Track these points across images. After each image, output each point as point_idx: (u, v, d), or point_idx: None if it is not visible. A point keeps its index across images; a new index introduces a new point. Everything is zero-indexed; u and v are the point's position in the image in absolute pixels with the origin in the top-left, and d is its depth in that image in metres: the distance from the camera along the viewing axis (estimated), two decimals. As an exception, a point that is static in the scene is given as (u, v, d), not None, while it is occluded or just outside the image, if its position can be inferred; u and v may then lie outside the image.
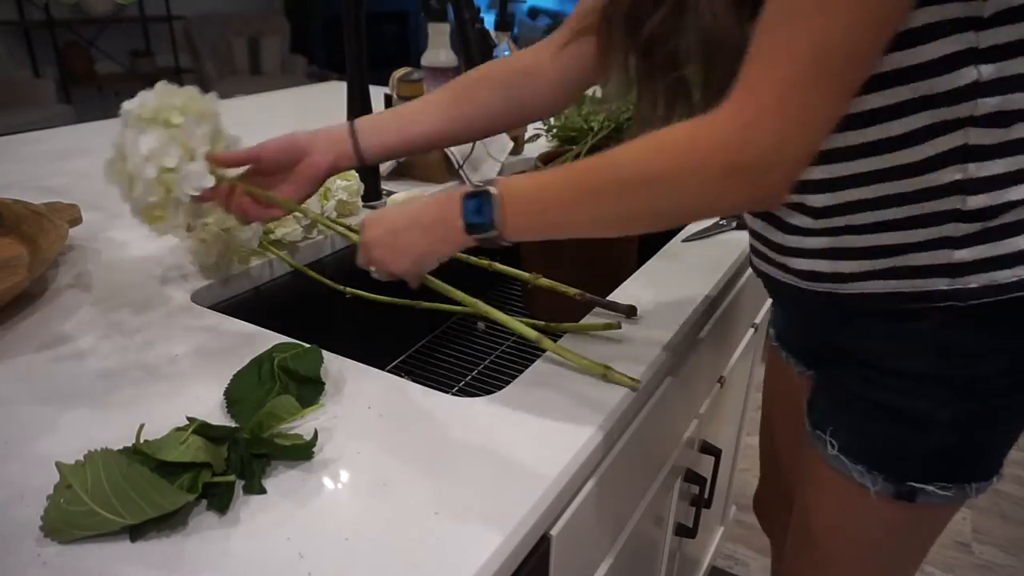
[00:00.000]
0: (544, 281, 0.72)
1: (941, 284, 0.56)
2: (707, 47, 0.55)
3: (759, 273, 0.72)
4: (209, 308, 0.71)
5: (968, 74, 0.50)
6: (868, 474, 0.65)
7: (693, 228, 0.94)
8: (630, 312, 0.70)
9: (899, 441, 0.64)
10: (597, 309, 0.71)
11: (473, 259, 0.76)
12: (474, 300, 0.65)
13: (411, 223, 0.61)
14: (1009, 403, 0.61)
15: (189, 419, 0.50)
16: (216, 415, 0.54)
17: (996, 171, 0.53)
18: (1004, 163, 0.53)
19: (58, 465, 0.42)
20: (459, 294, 0.65)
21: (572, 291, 0.71)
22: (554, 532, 0.52)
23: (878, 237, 0.58)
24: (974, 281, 0.55)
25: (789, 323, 0.81)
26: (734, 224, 0.95)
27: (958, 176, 0.53)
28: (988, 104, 0.51)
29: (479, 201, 0.56)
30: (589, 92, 1.24)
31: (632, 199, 0.54)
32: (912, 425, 0.62)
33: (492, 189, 0.56)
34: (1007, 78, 0.50)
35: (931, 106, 0.52)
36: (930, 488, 0.63)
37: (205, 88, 0.66)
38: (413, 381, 0.59)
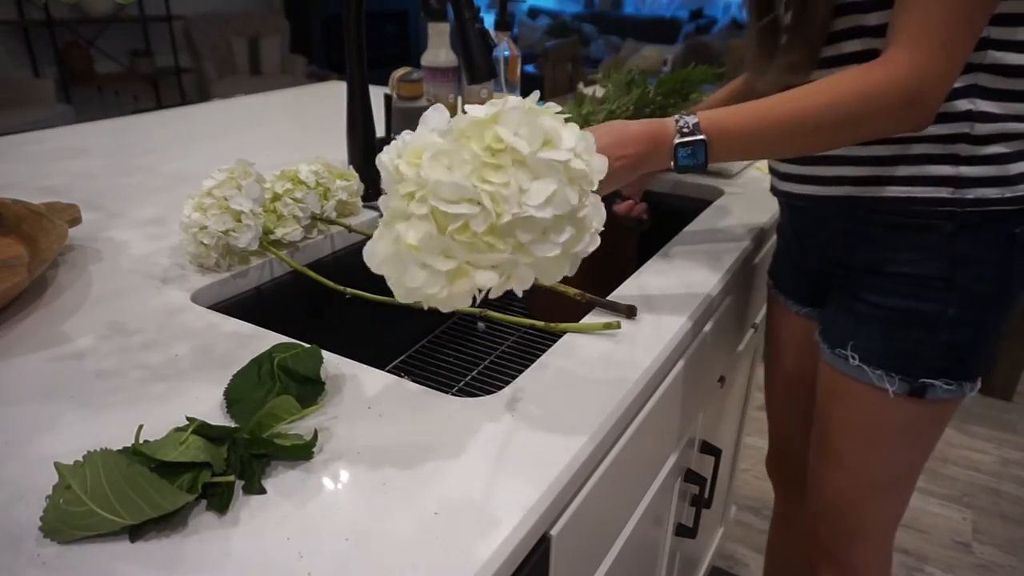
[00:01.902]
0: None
1: (945, 192, 0.70)
2: None
3: (782, 194, 0.84)
4: (209, 308, 0.71)
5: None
6: (887, 377, 0.77)
7: (693, 227, 0.94)
8: (630, 312, 0.70)
9: (913, 341, 0.75)
10: (597, 309, 0.71)
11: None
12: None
13: (623, 144, 0.67)
14: (998, 306, 0.74)
15: (189, 419, 0.50)
16: (216, 415, 0.54)
17: (996, 110, 0.67)
18: (1002, 105, 0.67)
19: (57, 466, 0.42)
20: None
21: (572, 291, 0.71)
22: (554, 532, 0.52)
23: (902, 148, 0.71)
24: (971, 193, 0.69)
25: (801, 253, 0.90)
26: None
27: (970, 107, 0.67)
28: (995, 56, 0.65)
29: (692, 149, 0.66)
30: (589, 91, 1.24)
31: (821, 138, 0.67)
32: (924, 326, 0.74)
33: (702, 136, 0.66)
34: (1013, 41, 0.65)
35: None
36: (938, 383, 0.76)
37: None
38: (413, 381, 0.59)
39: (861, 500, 0.88)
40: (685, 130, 0.66)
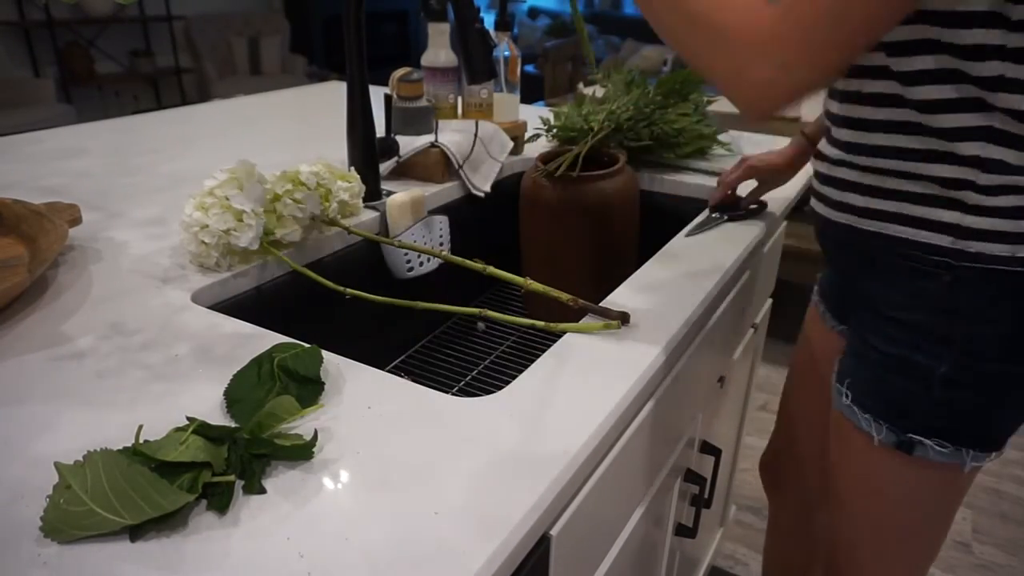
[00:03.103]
0: (536, 285, 0.72)
1: (945, 241, 0.63)
2: None
3: (815, 215, 0.79)
4: (209, 308, 0.71)
5: (993, 67, 0.56)
6: (874, 423, 0.72)
7: (689, 229, 0.94)
8: (623, 319, 0.69)
9: (903, 393, 0.70)
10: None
11: (468, 263, 0.75)
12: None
13: None
14: (1002, 372, 0.66)
15: (189, 419, 0.50)
16: (216, 415, 0.54)
17: (1011, 159, 0.59)
18: (1019, 155, 0.59)
19: (57, 465, 0.42)
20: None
21: (565, 296, 0.71)
22: (554, 532, 0.52)
23: (908, 183, 0.65)
24: (974, 247, 0.62)
25: (831, 270, 0.88)
26: (725, 217, 0.95)
27: (978, 152, 0.59)
28: (1012, 99, 0.57)
29: None
30: (589, 91, 1.24)
31: (678, 23, 0.58)
32: (914, 378, 0.68)
33: None
34: None
35: (961, 80, 0.58)
36: (928, 443, 0.69)
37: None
38: (413, 381, 0.59)
39: (861, 550, 0.82)
40: None
